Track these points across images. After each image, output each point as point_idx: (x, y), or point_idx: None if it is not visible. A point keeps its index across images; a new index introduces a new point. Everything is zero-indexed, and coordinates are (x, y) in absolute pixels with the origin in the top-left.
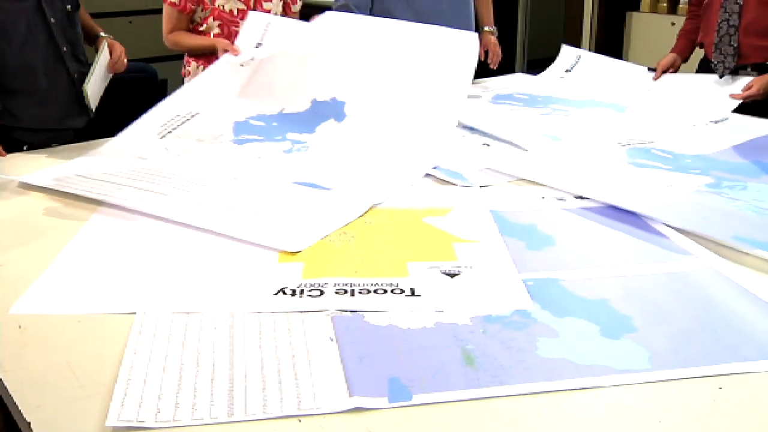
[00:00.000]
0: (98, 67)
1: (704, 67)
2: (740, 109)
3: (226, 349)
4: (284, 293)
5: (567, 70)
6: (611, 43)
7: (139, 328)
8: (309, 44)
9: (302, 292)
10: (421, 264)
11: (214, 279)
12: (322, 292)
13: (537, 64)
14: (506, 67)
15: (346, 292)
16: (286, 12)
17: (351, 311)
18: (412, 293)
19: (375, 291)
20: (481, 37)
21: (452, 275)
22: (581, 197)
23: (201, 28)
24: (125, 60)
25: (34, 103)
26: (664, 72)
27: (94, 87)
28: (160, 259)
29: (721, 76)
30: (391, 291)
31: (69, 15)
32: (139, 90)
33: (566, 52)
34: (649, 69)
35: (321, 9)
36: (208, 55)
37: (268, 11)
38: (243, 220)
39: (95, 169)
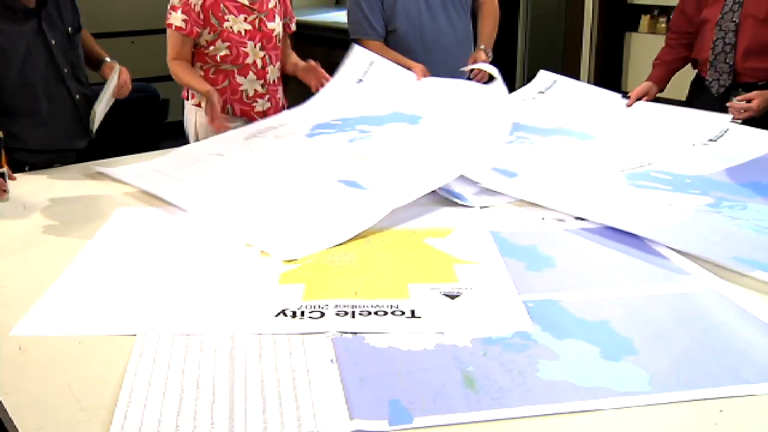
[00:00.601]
0: (108, 91)
1: (697, 87)
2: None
3: (227, 371)
4: (285, 315)
5: (540, 92)
6: (610, 63)
7: (139, 350)
8: (404, 86)
9: (303, 313)
10: (422, 285)
11: (215, 300)
12: (322, 314)
13: None
14: (506, 85)
15: (346, 313)
16: (285, 31)
17: (352, 333)
18: (413, 315)
19: (375, 313)
20: (477, 51)
21: (453, 297)
22: (581, 218)
23: (207, 51)
24: (130, 85)
25: (35, 124)
26: (638, 99)
27: (100, 110)
28: (160, 280)
29: (716, 94)
30: (392, 313)
31: (70, 37)
32: (141, 110)
33: (543, 76)
34: (623, 95)
35: (314, 28)
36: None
37: (272, 31)
38: (273, 219)
39: (167, 166)
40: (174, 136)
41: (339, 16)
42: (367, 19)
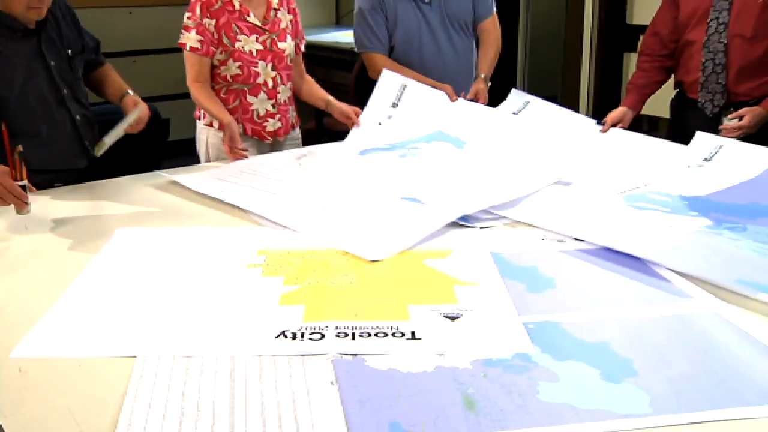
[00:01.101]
0: (123, 125)
1: (680, 106)
2: None
3: (227, 393)
4: (285, 336)
5: (514, 113)
6: (609, 83)
7: (140, 372)
8: (439, 107)
9: (303, 335)
10: (422, 307)
11: (216, 321)
12: (323, 336)
13: None
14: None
15: (346, 335)
16: (296, 52)
17: (352, 355)
18: (413, 336)
19: (376, 334)
20: (476, 81)
21: (453, 318)
22: (581, 239)
23: (219, 70)
24: (146, 120)
25: (35, 145)
26: (613, 125)
27: (109, 140)
28: (161, 301)
29: (710, 115)
30: (392, 334)
31: (70, 60)
32: (143, 129)
33: (515, 96)
34: (597, 122)
35: (315, 48)
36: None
37: (283, 51)
38: (337, 226)
39: (228, 176)
40: (176, 155)
41: (339, 36)
42: (372, 31)
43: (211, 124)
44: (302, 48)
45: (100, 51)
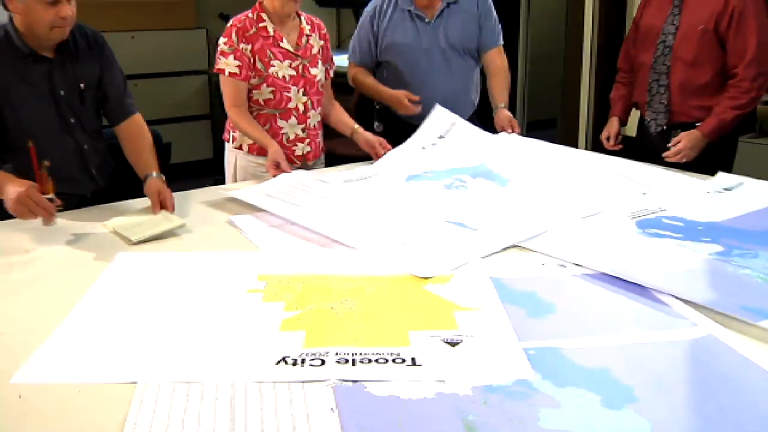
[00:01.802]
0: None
1: (638, 125)
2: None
3: (227, 419)
4: (285, 362)
5: (440, 136)
6: (609, 104)
7: (140, 398)
8: (485, 141)
9: (303, 361)
10: (423, 333)
11: (216, 348)
12: (323, 362)
13: (536, 126)
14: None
15: (347, 361)
16: (326, 77)
17: (352, 381)
18: (413, 362)
19: (376, 360)
20: (498, 113)
21: (453, 344)
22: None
23: (251, 94)
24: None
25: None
26: (617, 136)
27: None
28: (161, 327)
29: (654, 133)
30: (392, 360)
31: (81, 92)
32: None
33: (440, 114)
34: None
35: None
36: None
37: (315, 76)
38: (387, 245)
39: (278, 191)
40: (178, 178)
41: (340, 60)
42: (359, 45)
43: (240, 148)
44: (330, 74)
45: (129, 95)
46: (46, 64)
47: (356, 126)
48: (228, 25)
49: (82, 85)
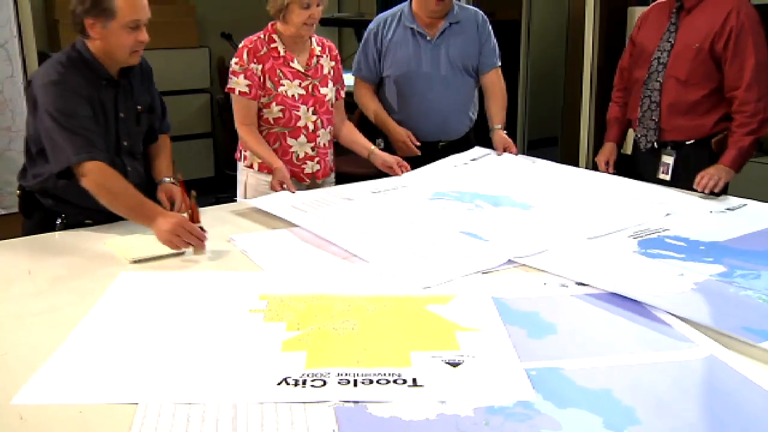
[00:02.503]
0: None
1: (633, 143)
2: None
3: None
4: (287, 383)
5: (473, 159)
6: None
7: (141, 420)
8: (518, 171)
9: (305, 382)
10: (424, 353)
11: (218, 368)
12: (324, 382)
13: (537, 144)
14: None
15: (348, 382)
16: (337, 97)
17: (353, 402)
18: (414, 383)
19: (377, 381)
20: (494, 135)
21: (455, 365)
22: (583, 283)
23: (261, 113)
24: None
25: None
26: (608, 160)
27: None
28: (163, 348)
29: (644, 150)
30: (394, 381)
31: (138, 116)
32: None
33: (475, 149)
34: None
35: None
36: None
37: (324, 96)
38: (400, 256)
39: (302, 203)
40: None
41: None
42: (364, 60)
43: (251, 166)
44: (342, 94)
45: (167, 115)
46: (115, 87)
47: (372, 147)
48: (240, 45)
49: (139, 107)
